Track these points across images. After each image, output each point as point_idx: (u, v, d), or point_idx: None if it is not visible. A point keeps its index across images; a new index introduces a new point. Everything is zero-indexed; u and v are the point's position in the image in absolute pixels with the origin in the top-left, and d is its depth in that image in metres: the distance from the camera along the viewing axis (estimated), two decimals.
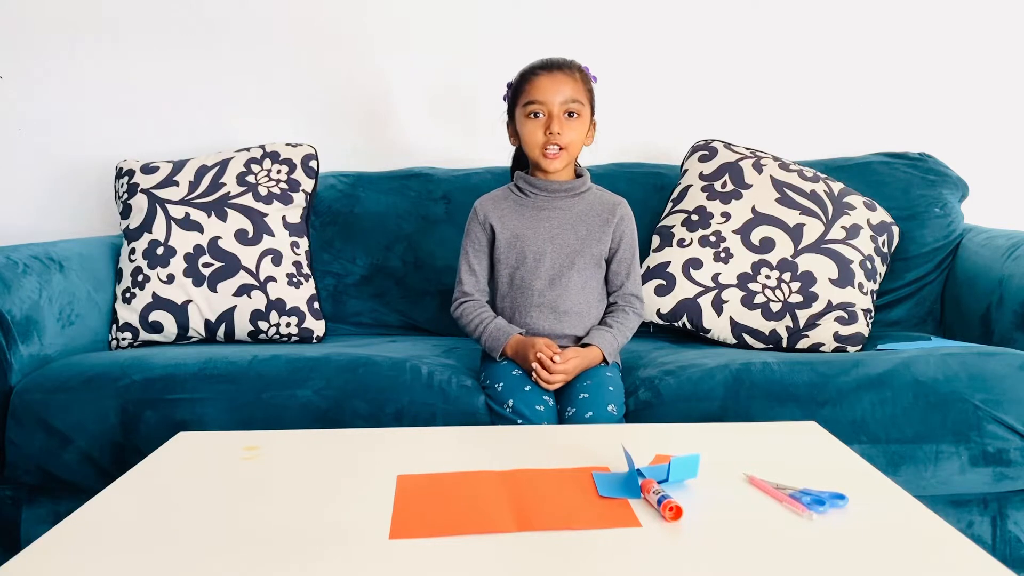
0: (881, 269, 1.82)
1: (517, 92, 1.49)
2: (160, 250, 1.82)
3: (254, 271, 1.82)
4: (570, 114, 1.44)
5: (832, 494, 0.85)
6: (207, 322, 1.81)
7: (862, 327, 1.70)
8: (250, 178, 1.90)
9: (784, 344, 1.71)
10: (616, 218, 1.51)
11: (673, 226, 1.84)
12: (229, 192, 1.87)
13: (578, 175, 1.54)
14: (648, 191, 2.00)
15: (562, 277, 1.48)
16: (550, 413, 1.35)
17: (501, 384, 1.39)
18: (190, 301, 1.80)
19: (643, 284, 1.79)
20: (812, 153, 2.10)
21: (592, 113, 1.51)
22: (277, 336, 1.83)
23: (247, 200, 1.87)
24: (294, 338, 1.83)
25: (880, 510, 0.84)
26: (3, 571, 0.71)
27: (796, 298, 1.71)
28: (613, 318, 1.51)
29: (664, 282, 1.77)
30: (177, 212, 1.84)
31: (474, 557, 0.74)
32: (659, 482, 0.88)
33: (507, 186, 1.57)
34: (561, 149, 1.44)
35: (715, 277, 1.75)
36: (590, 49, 1.87)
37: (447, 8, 2.18)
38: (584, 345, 1.46)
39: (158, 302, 1.79)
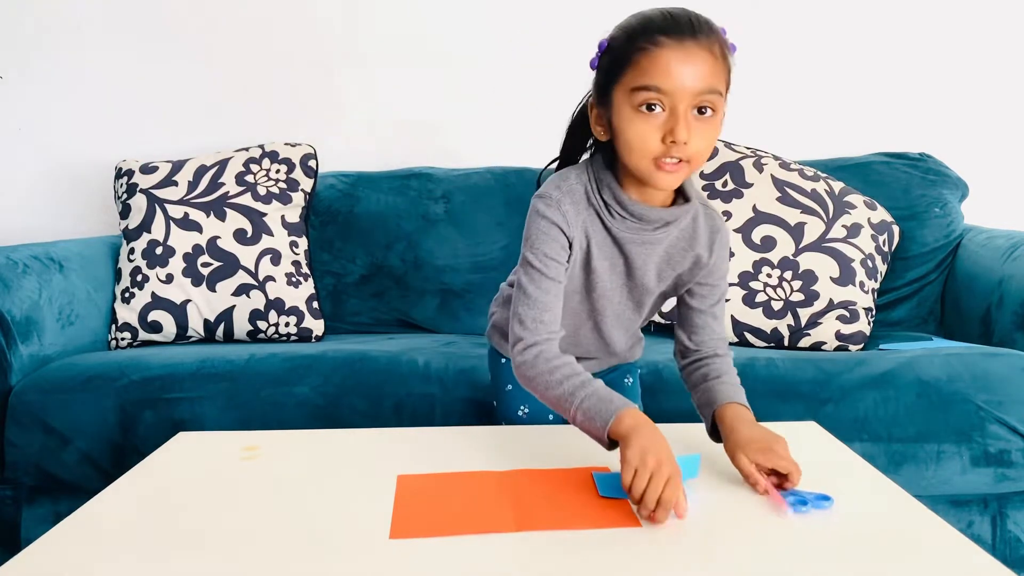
0: (882, 268, 1.82)
1: (621, 62, 0.95)
2: (159, 250, 1.81)
3: (253, 271, 1.82)
4: (701, 110, 0.94)
5: (818, 496, 0.84)
6: (206, 322, 1.81)
7: (863, 326, 1.69)
8: (249, 178, 1.90)
9: (786, 343, 1.71)
10: (714, 252, 1.07)
11: None
12: (228, 192, 1.87)
13: (682, 195, 1.05)
14: None
15: (622, 318, 1.12)
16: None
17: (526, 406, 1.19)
18: (189, 301, 1.80)
19: None
20: (812, 153, 2.10)
21: (726, 99, 0.99)
22: (276, 336, 1.83)
23: (246, 200, 1.87)
24: (293, 337, 1.83)
25: (880, 510, 0.84)
26: (3, 571, 0.71)
27: (797, 296, 1.71)
28: (725, 378, 1.06)
29: None
30: (176, 212, 1.84)
31: (474, 557, 0.74)
32: None
33: (586, 185, 1.03)
34: (682, 161, 0.94)
35: None
36: (590, 50, 1.87)
37: (447, 8, 2.18)
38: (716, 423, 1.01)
39: (157, 302, 1.79)
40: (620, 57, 0.96)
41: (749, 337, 1.73)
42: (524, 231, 1.03)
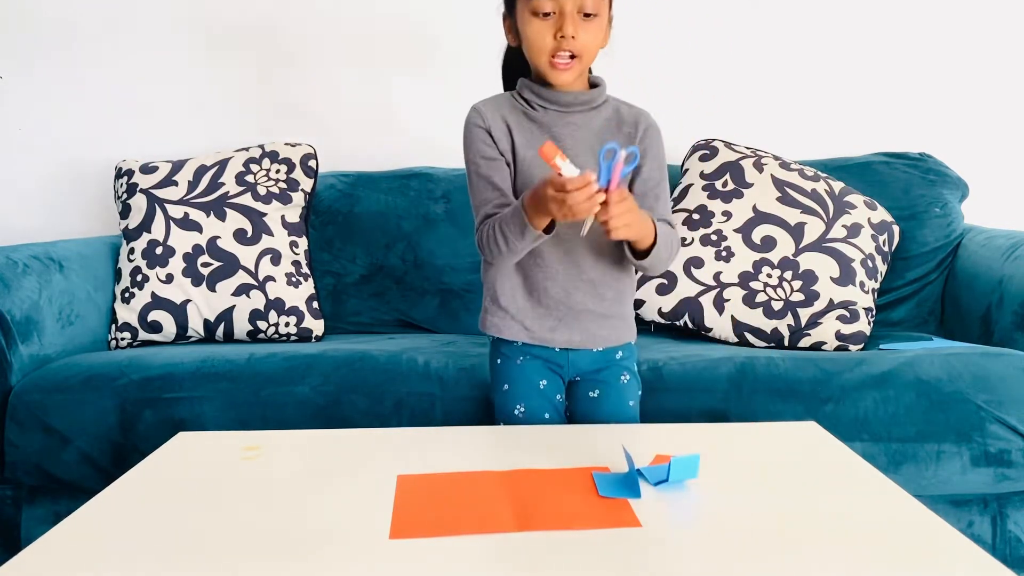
0: (882, 268, 1.82)
1: None
2: (159, 250, 1.81)
3: (253, 271, 1.82)
4: (587, 15, 1.15)
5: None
6: (206, 322, 1.81)
7: (863, 325, 1.69)
8: (249, 178, 1.90)
9: (786, 343, 1.71)
10: (640, 132, 1.24)
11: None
12: (228, 192, 1.87)
13: (593, 84, 1.26)
14: None
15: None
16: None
17: (508, 386, 1.25)
18: (189, 301, 1.80)
19: (642, 286, 1.79)
20: (812, 153, 2.10)
21: (610, 7, 1.21)
22: (276, 336, 1.83)
23: (246, 200, 1.87)
24: (293, 337, 1.83)
25: (880, 510, 0.84)
26: (3, 571, 0.71)
27: (797, 296, 1.71)
28: None
29: (665, 281, 1.77)
30: (176, 212, 1.84)
31: (474, 557, 0.74)
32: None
33: (508, 94, 1.29)
34: (574, 57, 1.16)
35: (716, 276, 1.75)
36: None
37: (447, 8, 2.18)
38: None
39: (157, 302, 1.79)
40: None
41: (749, 337, 1.73)
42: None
